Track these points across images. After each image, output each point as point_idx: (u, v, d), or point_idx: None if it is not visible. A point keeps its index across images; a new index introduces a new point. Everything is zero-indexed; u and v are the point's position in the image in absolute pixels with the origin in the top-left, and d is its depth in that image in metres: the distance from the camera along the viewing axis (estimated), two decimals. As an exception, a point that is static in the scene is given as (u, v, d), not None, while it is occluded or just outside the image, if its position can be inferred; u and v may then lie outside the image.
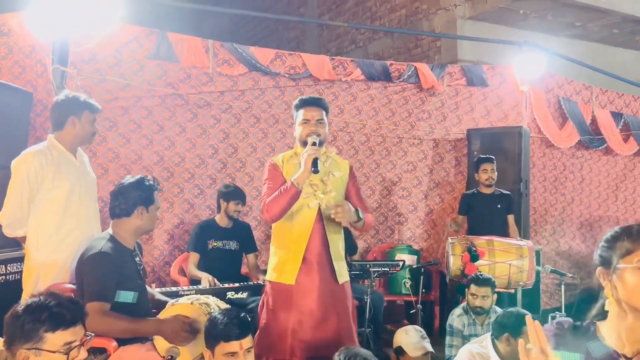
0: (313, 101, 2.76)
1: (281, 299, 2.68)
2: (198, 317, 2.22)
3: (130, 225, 2.58)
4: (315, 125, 2.70)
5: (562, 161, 6.15)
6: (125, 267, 2.49)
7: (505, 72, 5.59)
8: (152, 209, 2.60)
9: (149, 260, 4.30)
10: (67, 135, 2.85)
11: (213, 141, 4.60)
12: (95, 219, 2.93)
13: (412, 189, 5.55)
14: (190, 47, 4.29)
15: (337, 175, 2.76)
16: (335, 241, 2.74)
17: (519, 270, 3.72)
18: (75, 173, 2.86)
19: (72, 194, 2.80)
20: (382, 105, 5.30)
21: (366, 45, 7.88)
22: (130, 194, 2.56)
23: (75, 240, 2.73)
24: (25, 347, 1.54)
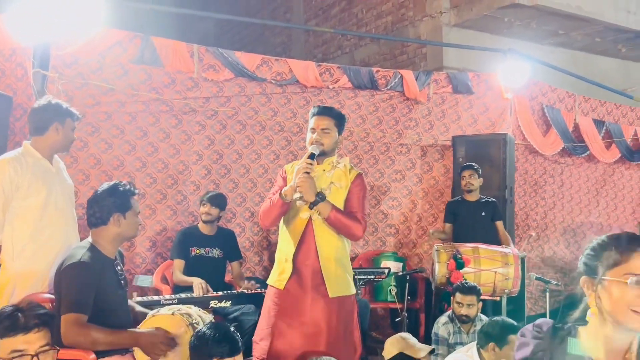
0: (322, 110, 2.80)
1: (272, 302, 2.74)
2: (179, 328, 2.17)
3: (108, 233, 2.51)
4: (319, 134, 2.73)
5: (543, 166, 6.20)
6: (105, 277, 2.43)
7: (490, 80, 5.62)
8: (130, 215, 2.53)
9: (131, 267, 4.22)
10: (48, 141, 2.80)
11: (198, 147, 4.55)
12: (74, 227, 2.88)
13: (402, 198, 5.51)
14: (175, 51, 4.24)
15: (338, 186, 2.75)
16: (327, 253, 2.70)
17: (505, 278, 3.72)
18: (52, 180, 2.80)
19: (49, 201, 2.74)
20: (369, 113, 5.28)
21: (352, 52, 7.89)
22: (105, 202, 2.50)
23: (52, 248, 2.67)
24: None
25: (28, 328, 1.53)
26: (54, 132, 2.80)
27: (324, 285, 2.68)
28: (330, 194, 2.70)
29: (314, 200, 2.60)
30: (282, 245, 2.79)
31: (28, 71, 3.61)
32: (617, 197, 6.82)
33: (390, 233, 5.45)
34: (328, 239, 2.71)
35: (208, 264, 3.98)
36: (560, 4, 6.06)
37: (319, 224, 2.70)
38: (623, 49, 7.46)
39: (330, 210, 2.64)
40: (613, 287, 1.36)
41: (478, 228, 4.60)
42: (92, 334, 2.25)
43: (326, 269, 2.69)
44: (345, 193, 2.75)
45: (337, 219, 2.65)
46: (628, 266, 1.37)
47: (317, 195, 2.59)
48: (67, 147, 2.93)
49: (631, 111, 6.75)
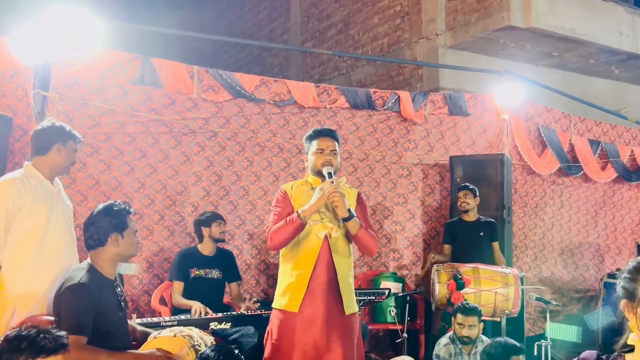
0: (327, 132, 2.83)
1: (285, 327, 2.67)
2: (181, 350, 2.15)
3: (107, 254, 2.49)
4: (329, 155, 2.75)
5: (543, 188, 6.22)
6: (104, 298, 2.41)
7: (486, 101, 5.68)
8: (127, 234, 2.51)
9: (128, 289, 4.18)
10: (49, 162, 2.79)
11: (197, 168, 4.55)
12: (74, 249, 2.85)
13: (405, 222, 5.47)
14: (174, 72, 4.27)
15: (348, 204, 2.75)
16: (343, 271, 2.71)
17: (505, 298, 3.71)
18: (53, 201, 2.79)
19: (50, 223, 2.72)
20: (367, 134, 5.30)
21: (349, 72, 7.96)
22: (101, 222, 2.48)
23: (53, 270, 2.64)
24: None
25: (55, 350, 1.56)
26: (56, 153, 2.79)
27: (340, 303, 2.67)
28: None
29: (347, 216, 2.62)
30: (290, 267, 2.73)
31: (28, 92, 3.62)
32: (616, 217, 6.84)
33: (394, 258, 5.39)
34: (343, 257, 2.73)
35: (207, 285, 3.95)
36: (554, 27, 6.16)
37: (334, 242, 2.71)
38: (616, 71, 7.57)
39: (360, 226, 2.67)
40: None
41: (476, 248, 4.60)
42: (92, 356, 2.23)
43: (343, 287, 2.69)
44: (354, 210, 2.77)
45: (364, 235, 2.70)
46: None
47: (349, 210, 2.62)
48: (67, 169, 2.92)
49: (627, 131, 6.81)
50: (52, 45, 3.47)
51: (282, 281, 2.75)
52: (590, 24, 6.45)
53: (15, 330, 1.53)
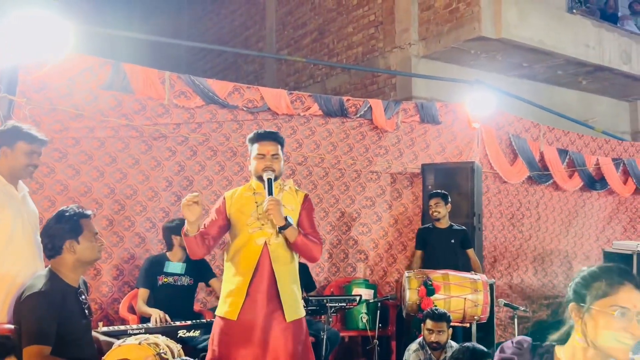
0: (268, 135, 2.76)
1: (224, 334, 2.64)
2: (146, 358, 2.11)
3: (66, 262, 2.42)
4: (270, 160, 2.70)
5: (517, 198, 6.33)
6: (67, 306, 2.35)
7: (457, 110, 5.77)
8: (83, 239, 2.43)
9: (97, 297, 4.12)
10: (2, 167, 2.72)
11: (167, 174, 4.51)
12: (39, 255, 2.78)
13: (372, 225, 5.54)
14: (145, 78, 4.24)
15: (290, 209, 2.73)
16: (284, 276, 2.67)
17: (474, 304, 3.75)
18: (17, 207, 2.72)
19: (15, 228, 2.66)
20: (339, 140, 5.35)
21: (324, 80, 8.00)
22: (53, 231, 2.43)
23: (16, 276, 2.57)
24: None
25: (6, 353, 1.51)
26: (4, 157, 2.71)
27: (279, 310, 2.63)
28: None
29: (283, 225, 2.59)
30: (231, 274, 2.70)
31: (-6, 96, 3.54)
32: (585, 225, 7.01)
33: (360, 259, 5.46)
34: (284, 263, 2.69)
35: (176, 293, 3.90)
36: (524, 38, 6.30)
37: (274, 248, 2.67)
38: (583, 82, 7.77)
39: (298, 234, 2.64)
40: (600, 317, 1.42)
41: (448, 255, 4.63)
42: None
43: (284, 294, 2.65)
44: (297, 215, 2.74)
45: (304, 243, 2.66)
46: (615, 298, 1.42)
47: (285, 219, 2.60)
48: (27, 172, 2.80)
49: (593, 141, 6.99)
50: (20, 49, 3.40)
51: (224, 288, 2.72)
52: (559, 36, 6.62)
53: None
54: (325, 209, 5.35)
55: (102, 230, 4.15)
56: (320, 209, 5.27)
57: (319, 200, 5.27)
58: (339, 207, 5.42)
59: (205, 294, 4.58)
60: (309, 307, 3.30)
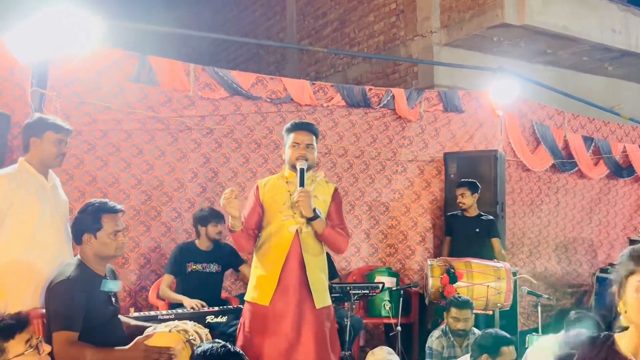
0: (304, 126, 2.84)
1: (256, 320, 2.70)
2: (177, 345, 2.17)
3: (86, 252, 2.50)
4: (304, 149, 2.76)
5: (538, 185, 6.28)
6: (94, 293, 2.43)
7: (481, 98, 5.73)
8: (102, 235, 2.47)
9: (125, 284, 4.23)
10: (32, 157, 2.82)
11: (193, 165, 4.59)
12: (68, 243, 2.86)
13: (401, 217, 5.49)
14: (171, 70, 4.31)
15: (321, 199, 2.78)
16: (313, 265, 2.73)
17: (497, 292, 3.76)
18: (46, 196, 2.82)
19: (43, 217, 2.75)
20: (363, 131, 5.34)
21: (345, 70, 8.00)
22: (77, 221, 2.51)
23: (45, 264, 2.67)
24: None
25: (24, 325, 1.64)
26: (34, 147, 2.81)
27: (310, 297, 2.70)
28: None
29: (312, 217, 2.64)
30: (262, 261, 2.77)
31: (26, 90, 3.65)
32: (610, 214, 6.92)
33: (390, 253, 5.42)
34: (314, 252, 2.75)
35: (204, 280, 4.00)
36: (548, 24, 6.21)
37: (305, 237, 2.73)
38: (609, 67, 7.62)
39: (326, 226, 2.69)
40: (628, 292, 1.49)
41: (472, 244, 4.61)
42: (81, 351, 2.24)
43: (313, 281, 2.71)
44: (327, 207, 2.79)
45: (330, 235, 2.72)
46: None
47: (314, 210, 2.64)
48: (53, 162, 2.88)
49: (619, 128, 6.88)
50: (50, 44, 3.50)
51: (254, 274, 2.78)
52: (584, 22, 6.50)
53: None
54: (351, 202, 5.32)
55: (129, 220, 4.26)
56: (346, 202, 5.24)
57: (344, 193, 5.24)
58: (365, 200, 5.38)
59: (230, 282, 4.67)
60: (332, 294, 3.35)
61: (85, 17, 3.52)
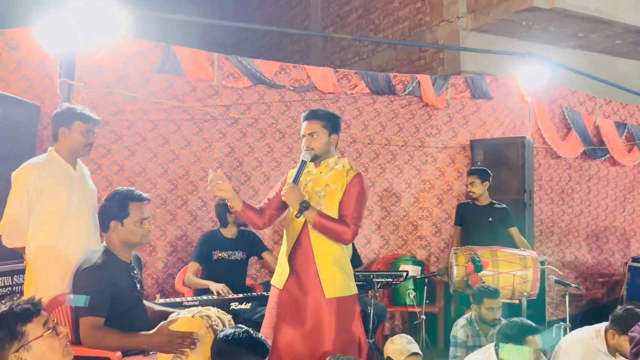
0: (308, 114, 2.84)
1: (272, 301, 2.81)
2: (199, 330, 2.21)
3: (112, 239, 2.55)
4: (309, 139, 2.78)
5: (568, 172, 6.14)
6: (119, 280, 2.48)
7: (509, 83, 5.60)
8: (128, 222, 2.51)
9: (153, 272, 4.32)
10: (61, 146, 2.89)
11: (218, 155, 4.62)
12: (95, 231, 2.93)
13: (433, 208, 5.40)
14: (195, 60, 4.34)
15: (333, 188, 2.76)
16: (323, 254, 2.72)
17: (523, 280, 3.71)
18: (74, 185, 2.88)
19: (71, 205, 2.82)
20: (388, 120, 5.27)
21: (370, 57, 7.93)
22: (104, 209, 2.55)
23: (73, 252, 2.73)
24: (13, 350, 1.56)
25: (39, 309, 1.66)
26: (62, 137, 2.88)
27: (319, 286, 2.70)
28: (326, 196, 2.74)
29: (299, 209, 2.65)
30: (283, 246, 2.86)
31: (55, 81, 3.72)
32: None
33: (420, 245, 5.34)
34: (324, 241, 2.73)
35: (230, 267, 4.06)
36: (579, 7, 6.03)
37: None
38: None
39: (315, 216, 2.66)
40: None
41: (485, 233, 4.47)
42: (107, 336, 2.30)
43: (323, 271, 2.71)
44: (341, 195, 2.75)
45: (322, 224, 2.67)
46: None
47: (300, 204, 2.64)
48: (81, 151, 2.95)
49: (654, 113, 6.67)
50: (77, 35, 3.57)
51: (278, 259, 2.89)
52: (617, 3, 6.29)
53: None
54: (379, 193, 5.28)
55: (156, 208, 4.33)
56: (374, 193, 5.19)
57: (371, 184, 5.20)
58: (394, 191, 5.32)
59: (255, 269, 4.72)
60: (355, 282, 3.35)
61: (110, 8, 3.57)
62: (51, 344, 1.61)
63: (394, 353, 2.53)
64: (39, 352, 1.58)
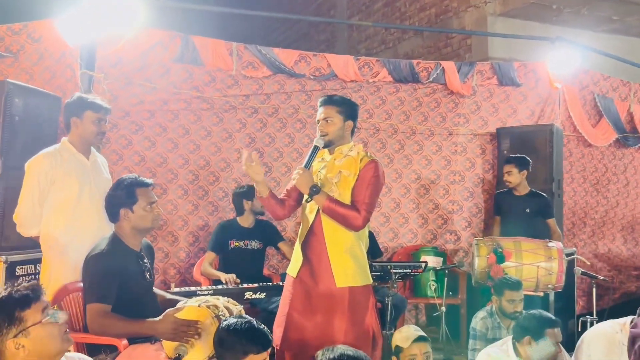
0: (324, 100, 2.80)
1: (286, 290, 2.80)
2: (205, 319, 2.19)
3: (123, 228, 2.56)
4: (323, 125, 2.74)
5: (603, 162, 5.92)
6: (127, 268, 2.49)
7: (538, 70, 5.41)
8: (138, 208, 2.52)
9: (175, 262, 4.36)
10: (73, 136, 2.93)
11: (238, 145, 4.61)
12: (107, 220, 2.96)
13: (463, 202, 5.23)
14: (214, 49, 4.33)
15: (346, 174, 2.70)
16: (335, 242, 2.68)
17: (548, 272, 3.58)
18: (86, 174, 2.91)
19: (82, 194, 2.85)
20: (412, 109, 5.14)
21: (396, 46, 7.81)
22: (111, 198, 2.56)
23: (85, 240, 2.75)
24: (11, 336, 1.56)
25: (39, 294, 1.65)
26: (74, 126, 2.91)
27: (330, 275, 2.67)
28: (339, 183, 2.69)
29: (309, 194, 2.63)
30: (298, 235, 2.86)
31: (76, 72, 3.77)
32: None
33: (450, 240, 5.21)
34: (337, 229, 2.69)
35: (246, 256, 4.05)
36: (614, -12, 5.79)
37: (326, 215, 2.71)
38: (685, 34, 7.04)
39: (325, 200, 2.63)
40: None
41: (521, 224, 4.32)
42: (113, 323, 2.32)
43: (334, 259, 2.67)
44: (354, 181, 2.69)
45: (331, 209, 2.63)
46: None
47: (310, 188, 2.61)
48: (93, 140, 2.98)
49: (694, 99, 6.35)
50: (96, 25, 3.60)
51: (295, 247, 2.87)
52: (654, -16, 6.01)
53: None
54: (406, 185, 5.16)
55: (177, 199, 4.36)
56: (401, 185, 5.10)
57: (397, 176, 5.11)
58: (422, 182, 5.20)
59: (277, 260, 4.71)
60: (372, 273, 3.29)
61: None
62: (50, 331, 1.61)
63: (401, 340, 2.48)
64: (38, 338, 1.58)
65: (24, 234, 2.87)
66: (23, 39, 3.72)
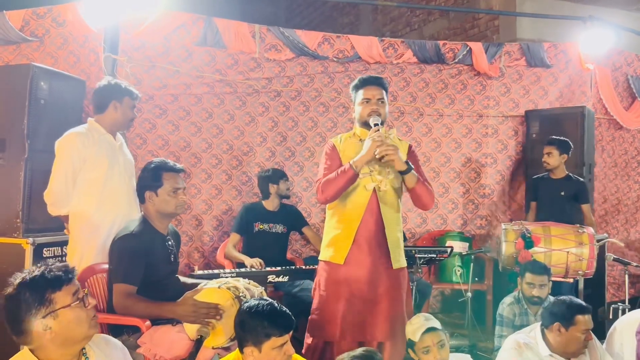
0: (373, 80, 2.72)
1: (330, 279, 2.67)
2: (225, 301, 2.19)
3: (148, 210, 2.57)
4: (376, 104, 2.67)
5: (635, 146, 5.72)
6: (154, 250, 2.50)
7: (568, 50, 5.23)
8: (162, 192, 2.52)
9: (199, 245, 4.38)
10: (108, 118, 2.93)
11: (261, 129, 4.59)
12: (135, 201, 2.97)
13: (495, 185, 5.13)
14: (237, 32, 4.29)
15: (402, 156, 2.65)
16: (391, 225, 2.66)
17: (578, 258, 3.48)
18: (115, 154, 2.94)
19: (112, 174, 2.87)
20: (438, 91, 5.04)
21: (421, 27, 7.65)
22: (140, 180, 2.58)
23: (113, 220, 2.79)
24: (40, 316, 1.54)
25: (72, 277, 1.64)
26: (113, 110, 2.92)
27: (386, 257, 2.63)
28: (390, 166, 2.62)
29: (405, 169, 2.54)
30: (337, 220, 2.70)
31: (99, 56, 3.78)
32: None
33: (480, 225, 5.11)
34: (391, 211, 2.67)
35: (271, 239, 4.05)
36: (650, -36, 5.54)
37: (383, 196, 2.65)
38: None
39: (417, 179, 2.59)
40: None
41: (556, 209, 4.22)
42: (136, 304, 2.33)
43: (392, 241, 2.65)
44: None
45: (421, 189, 2.61)
46: None
47: (405, 162, 2.55)
48: (126, 125, 3.05)
49: None
50: (119, 9, 3.60)
51: (328, 233, 2.73)
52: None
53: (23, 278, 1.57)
54: (435, 169, 5.07)
55: (201, 183, 4.37)
56: (429, 169, 5.00)
57: (425, 159, 5.01)
58: (452, 166, 5.10)
59: (300, 245, 4.69)
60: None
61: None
62: (78, 315, 1.59)
63: (412, 333, 2.42)
64: (65, 321, 1.57)
65: (54, 212, 2.87)
66: (48, 23, 3.74)
